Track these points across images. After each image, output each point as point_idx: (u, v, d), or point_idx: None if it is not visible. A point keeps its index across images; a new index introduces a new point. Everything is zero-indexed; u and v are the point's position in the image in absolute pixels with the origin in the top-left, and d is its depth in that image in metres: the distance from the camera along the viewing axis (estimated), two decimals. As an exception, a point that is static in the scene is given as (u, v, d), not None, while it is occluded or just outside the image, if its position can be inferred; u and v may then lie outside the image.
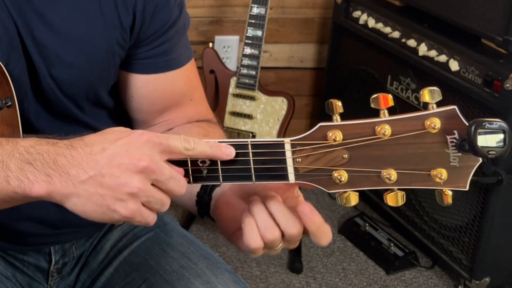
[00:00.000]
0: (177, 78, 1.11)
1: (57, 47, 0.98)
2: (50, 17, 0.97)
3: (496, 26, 1.87)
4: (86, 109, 1.06)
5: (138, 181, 0.76)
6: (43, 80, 0.99)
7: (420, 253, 2.30)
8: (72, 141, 0.77)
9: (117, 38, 1.02)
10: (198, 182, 0.81)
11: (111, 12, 1.00)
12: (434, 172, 0.79)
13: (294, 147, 0.80)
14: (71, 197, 0.76)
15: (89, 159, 0.76)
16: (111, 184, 0.75)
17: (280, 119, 2.40)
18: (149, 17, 1.03)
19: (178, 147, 0.77)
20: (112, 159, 0.76)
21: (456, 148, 0.79)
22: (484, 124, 0.75)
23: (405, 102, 2.16)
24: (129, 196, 0.76)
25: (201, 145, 0.79)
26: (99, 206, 0.76)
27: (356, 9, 2.35)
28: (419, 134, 0.79)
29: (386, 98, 0.79)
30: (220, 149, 0.79)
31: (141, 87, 1.09)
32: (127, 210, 0.77)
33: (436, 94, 0.79)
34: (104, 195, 0.76)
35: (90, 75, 1.02)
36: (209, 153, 0.79)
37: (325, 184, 0.81)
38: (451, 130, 0.79)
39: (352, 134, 0.79)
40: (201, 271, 1.07)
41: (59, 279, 1.15)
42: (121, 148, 0.76)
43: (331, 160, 0.80)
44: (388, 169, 0.80)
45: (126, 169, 0.75)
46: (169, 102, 1.12)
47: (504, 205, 1.94)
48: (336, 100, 0.80)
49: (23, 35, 0.96)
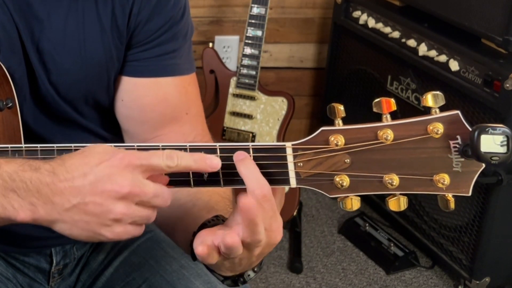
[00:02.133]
0: (171, 86, 1.07)
1: (54, 52, 0.98)
2: (48, 22, 0.97)
3: (496, 26, 1.87)
4: (85, 113, 1.06)
5: (121, 207, 0.76)
6: (41, 84, 0.99)
7: (420, 253, 2.30)
8: (54, 167, 0.77)
9: (114, 42, 1.02)
10: (199, 186, 0.80)
11: (108, 16, 1.00)
12: (437, 177, 0.79)
13: (295, 151, 0.80)
14: (56, 222, 0.78)
15: (71, 187, 0.76)
16: (95, 211, 0.76)
17: (280, 119, 2.40)
18: (143, 21, 1.02)
19: (160, 165, 0.77)
20: (94, 186, 0.76)
21: (459, 153, 0.79)
22: (487, 129, 0.75)
23: (405, 102, 2.16)
24: (114, 222, 0.77)
25: (185, 160, 0.77)
26: (85, 231, 0.77)
27: (356, 9, 2.35)
28: (421, 139, 0.79)
29: (388, 103, 0.79)
30: (205, 162, 0.78)
31: (130, 91, 1.06)
32: (113, 234, 0.77)
33: (440, 98, 0.78)
34: (89, 221, 0.77)
35: (88, 80, 1.02)
36: (194, 168, 0.78)
37: (326, 188, 0.80)
38: (454, 135, 0.78)
39: (354, 139, 0.79)
40: (201, 271, 1.07)
41: (60, 280, 1.15)
42: (103, 174, 0.75)
43: (333, 164, 0.80)
44: (390, 174, 0.79)
45: (109, 196, 0.75)
46: (161, 113, 1.07)
47: (504, 205, 1.94)
48: (338, 104, 0.79)
49: (24, 39, 0.96)
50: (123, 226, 0.77)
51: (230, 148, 0.80)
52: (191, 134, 1.09)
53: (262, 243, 0.79)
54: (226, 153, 0.80)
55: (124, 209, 0.76)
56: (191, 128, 1.10)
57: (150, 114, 1.07)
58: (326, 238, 2.39)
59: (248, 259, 0.82)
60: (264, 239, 0.79)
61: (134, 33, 1.03)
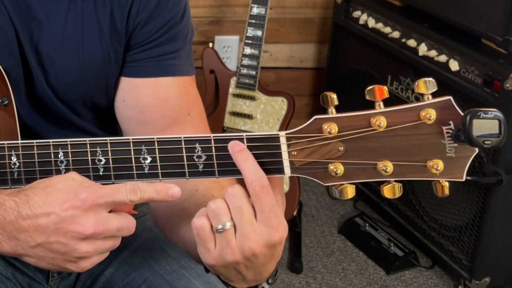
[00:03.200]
0: (171, 87, 1.07)
1: (53, 54, 0.98)
2: (47, 24, 0.97)
3: (496, 26, 1.87)
4: (83, 115, 1.06)
5: (86, 246, 0.78)
6: (38, 85, 0.99)
7: (420, 253, 2.30)
8: (18, 204, 0.78)
9: (113, 44, 1.02)
10: (194, 177, 0.81)
11: (107, 18, 1.00)
12: (430, 163, 0.79)
13: (289, 140, 0.80)
14: (23, 256, 0.80)
15: (35, 226, 0.78)
16: (60, 250, 0.78)
17: (280, 119, 2.40)
18: (142, 23, 1.02)
19: (124, 200, 0.79)
20: (58, 227, 0.77)
21: (452, 138, 0.79)
22: (479, 113, 0.76)
23: (405, 102, 2.16)
24: (79, 259, 0.79)
25: (148, 192, 0.79)
26: (52, 265, 0.80)
27: (356, 9, 2.35)
28: (414, 125, 0.79)
29: (381, 90, 0.79)
30: (166, 192, 0.80)
31: (130, 91, 1.06)
32: (79, 268, 0.80)
33: (431, 85, 0.79)
34: (55, 258, 0.79)
35: (86, 82, 1.02)
36: (157, 199, 0.80)
37: (321, 177, 0.81)
38: (447, 120, 0.79)
39: (347, 127, 0.79)
40: (201, 271, 1.07)
41: (60, 279, 1.15)
42: (66, 215, 0.77)
43: (327, 152, 0.80)
44: (384, 161, 0.79)
45: (73, 237, 0.77)
46: (162, 113, 1.07)
47: (504, 205, 1.94)
48: (331, 92, 0.80)
49: (22, 41, 0.96)
50: (88, 260, 0.80)
51: (225, 138, 0.80)
52: None
53: (249, 232, 0.79)
54: (221, 143, 0.81)
55: (89, 248, 0.78)
56: (193, 129, 1.09)
57: (151, 115, 1.07)
58: (326, 238, 2.39)
59: (253, 269, 0.82)
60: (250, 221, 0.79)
61: (132, 35, 1.03)
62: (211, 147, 0.81)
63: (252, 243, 0.79)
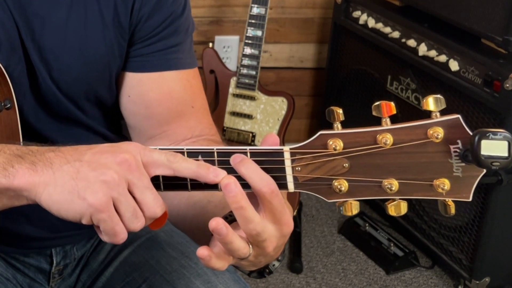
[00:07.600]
0: (175, 80, 1.08)
1: (56, 49, 0.98)
2: (50, 20, 0.97)
3: (496, 26, 1.87)
4: (87, 110, 1.06)
5: (113, 171, 0.75)
6: (42, 82, 0.99)
7: (420, 253, 2.30)
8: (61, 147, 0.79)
9: (117, 38, 1.02)
10: (196, 189, 0.80)
11: (110, 13, 1.00)
12: (437, 182, 0.78)
13: (293, 155, 0.79)
14: (47, 186, 0.76)
15: (75, 151, 0.78)
16: (87, 171, 0.75)
17: (280, 119, 2.40)
18: (145, 17, 1.03)
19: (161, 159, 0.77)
20: (95, 153, 0.77)
21: (459, 158, 0.77)
22: (488, 134, 0.74)
23: (405, 102, 2.17)
24: (101, 184, 0.75)
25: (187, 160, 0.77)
26: (70, 193, 0.75)
27: (356, 9, 2.35)
28: (421, 143, 0.77)
29: (389, 106, 0.77)
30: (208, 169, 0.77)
31: (135, 86, 1.07)
32: (96, 199, 0.75)
33: (441, 102, 0.77)
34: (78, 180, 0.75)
35: (90, 76, 1.02)
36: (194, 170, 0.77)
37: (325, 193, 0.79)
38: (455, 139, 0.77)
39: (352, 143, 0.78)
40: (201, 271, 1.07)
41: (60, 280, 1.15)
42: (108, 148, 0.77)
43: (331, 169, 0.78)
44: (390, 178, 0.78)
45: (106, 159, 0.76)
46: (167, 107, 1.08)
47: (504, 205, 1.94)
48: (336, 107, 0.78)
49: (23, 37, 0.96)
50: (107, 196, 0.75)
51: (228, 151, 0.79)
52: (197, 128, 1.09)
53: (264, 236, 0.78)
54: (224, 157, 0.79)
55: (115, 175, 0.75)
56: (197, 122, 1.10)
57: (156, 109, 1.07)
58: (326, 238, 2.39)
59: (264, 256, 0.81)
60: (262, 230, 0.78)
61: (136, 29, 1.03)
62: (214, 161, 0.79)
63: (269, 249, 0.79)
